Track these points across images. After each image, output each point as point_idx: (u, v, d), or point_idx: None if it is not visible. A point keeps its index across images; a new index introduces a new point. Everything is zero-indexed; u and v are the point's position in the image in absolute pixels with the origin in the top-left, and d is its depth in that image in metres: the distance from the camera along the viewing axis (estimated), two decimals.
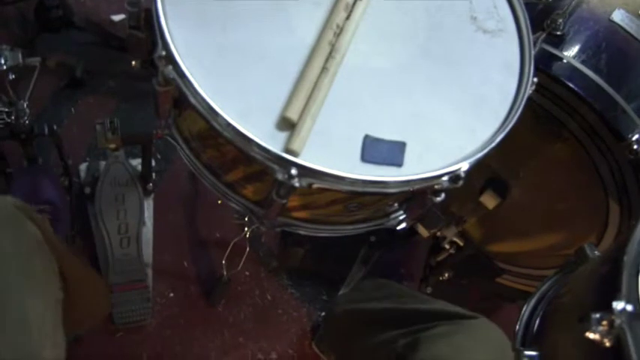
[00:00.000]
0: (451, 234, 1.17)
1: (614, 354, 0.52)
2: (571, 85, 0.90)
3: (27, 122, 1.10)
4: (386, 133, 0.65)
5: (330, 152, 0.63)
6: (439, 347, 0.78)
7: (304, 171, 0.59)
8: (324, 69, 0.66)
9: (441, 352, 0.77)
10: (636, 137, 0.86)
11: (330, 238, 0.79)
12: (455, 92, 0.72)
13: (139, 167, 1.31)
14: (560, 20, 0.94)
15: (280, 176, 0.59)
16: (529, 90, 0.72)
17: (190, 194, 1.40)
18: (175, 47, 0.62)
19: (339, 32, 0.69)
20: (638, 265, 0.61)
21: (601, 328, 0.56)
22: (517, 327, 0.81)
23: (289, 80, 0.65)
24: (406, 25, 0.76)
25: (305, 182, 0.60)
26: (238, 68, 0.66)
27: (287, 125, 0.62)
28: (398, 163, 0.64)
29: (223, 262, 1.24)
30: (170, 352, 1.24)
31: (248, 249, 1.22)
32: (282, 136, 0.62)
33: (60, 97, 1.44)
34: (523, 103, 0.71)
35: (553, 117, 0.95)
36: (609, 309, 0.56)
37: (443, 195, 0.65)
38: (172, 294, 1.30)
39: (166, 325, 1.26)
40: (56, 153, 1.21)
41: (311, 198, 0.69)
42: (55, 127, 1.15)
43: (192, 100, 0.62)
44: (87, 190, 1.30)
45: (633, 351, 0.49)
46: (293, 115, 0.62)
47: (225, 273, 1.26)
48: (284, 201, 0.63)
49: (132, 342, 1.23)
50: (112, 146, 1.07)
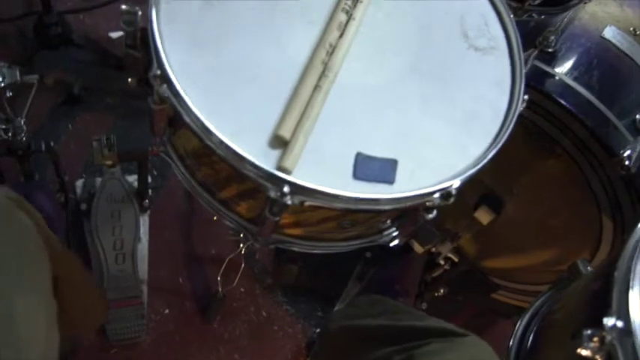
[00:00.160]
0: (446, 250, 1.18)
1: None
2: (563, 102, 0.91)
3: (24, 139, 1.11)
4: (378, 151, 0.66)
5: (323, 170, 0.63)
6: None
7: (296, 189, 0.59)
8: (317, 87, 0.66)
9: None
10: (628, 153, 0.87)
11: (325, 255, 0.80)
12: (446, 109, 0.72)
13: (135, 184, 1.31)
14: (552, 37, 0.95)
15: (273, 194, 0.60)
16: (520, 107, 0.73)
17: (186, 211, 1.40)
18: (170, 66, 0.62)
19: (332, 51, 0.70)
20: (628, 282, 0.61)
21: (592, 345, 0.57)
22: (510, 343, 0.81)
23: (282, 99, 0.66)
24: (398, 43, 0.76)
25: (297, 200, 0.60)
26: (232, 87, 0.66)
27: (280, 143, 0.63)
28: (390, 181, 0.64)
29: (219, 279, 1.24)
30: None
31: (243, 265, 1.22)
32: (274, 154, 0.62)
33: (57, 114, 1.45)
34: (514, 120, 0.71)
35: (545, 133, 0.96)
36: (600, 325, 0.57)
37: (435, 212, 0.66)
38: (167, 310, 1.29)
39: (161, 342, 1.26)
40: (53, 169, 1.22)
41: (304, 215, 0.69)
42: (52, 144, 1.15)
43: (186, 119, 0.62)
44: (83, 207, 1.29)
45: None
46: (286, 133, 0.62)
47: (220, 289, 1.26)
48: (277, 218, 0.63)
49: (126, 359, 1.23)
50: (109, 163, 1.08)
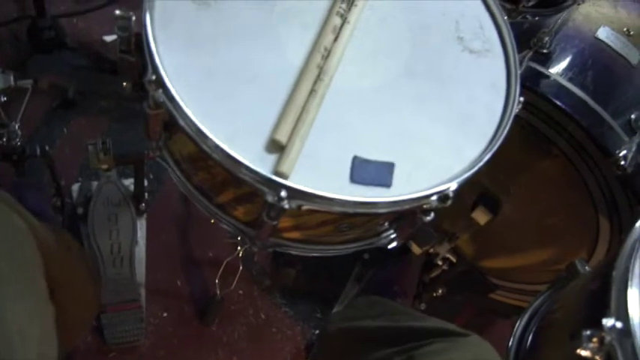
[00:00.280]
0: (444, 250, 1.18)
1: None
2: (558, 103, 0.91)
3: (19, 144, 1.11)
4: (375, 154, 0.66)
5: (319, 174, 0.63)
6: None
7: (294, 193, 0.59)
8: (313, 91, 0.66)
9: None
10: (623, 153, 0.87)
11: (323, 257, 0.80)
12: (442, 112, 0.73)
13: (132, 187, 1.31)
14: (546, 38, 0.95)
15: (270, 198, 0.60)
16: (516, 109, 0.73)
17: (183, 214, 1.40)
18: (165, 71, 0.62)
19: (327, 55, 0.70)
20: (627, 281, 0.61)
21: (592, 345, 0.57)
22: (510, 343, 0.81)
23: (278, 103, 0.66)
24: (393, 46, 0.76)
25: (295, 204, 0.60)
26: (227, 91, 0.66)
27: (276, 147, 0.63)
28: (387, 184, 0.64)
29: (216, 281, 1.23)
30: None
31: (241, 268, 1.22)
32: (271, 159, 0.62)
33: (52, 118, 1.44)
34: (510, 122, 0.72)
35: (541, 134, 0.97)
36: (599, 326, 0.57)
37: (432, 214, 0.66)
38: (166, 314, 1.29)
39: (160, 346, 1.25)
40: (48, 174, 1.21)
41: (302, 219, 0.69)
42: (47, 148, 1.15)
43: (181, 123, 0.62)
44: (79, 211, 1.29)
45: None
46: (282, 138, 0.62)
47: (218, 292, 1.25)
48: (274, 222, 0.63)
49: None
50: (105, 167, 1.07)
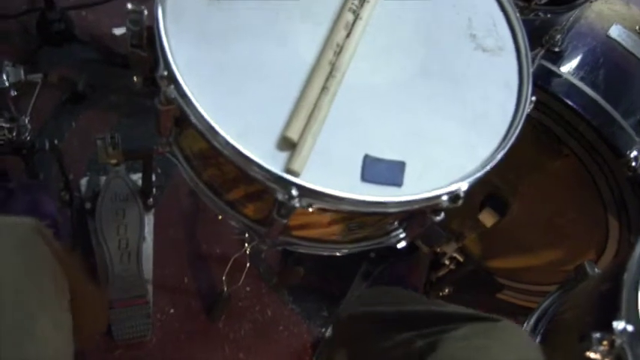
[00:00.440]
0: (451, 250, 1.17)
1: None
2: (569, 102, 0.90)
3: (28, 138, 1.11)
4: (386, 152, 0.65)
5: (331, 172, 0.63)
6: (458, 348, 0.76)
7: (305, 191, 0.59)
8: (325, 88, 0.66)
9: (460, 354, 0.75)
10: (634, 154, 0.87)
11: (331, 256, 0.79)
12: (455, 110, 0.72)
13: (140, 182, 1.31)
14: (558, 36, 0.94)
15: (281, 196, 0.59)
16: (528, 108, 0.73)
17: (191, 209, 1.40)
18: (177, 67, 0.62)
19: (339, 51, 0.69)
20: (638, 284, 0.61)
21: (602, 348, 0.56)
22: None
23: (290, 100, 0.65)
24: (406, 43, 0.76)
25: (305, 202, 0.60)
26: (239, 87, 0.66)
27: (287, 145, 0.62)
28: (398, 183, 0.64)
29: (224, 278, 1.23)
30: None
31: (248, 264, 1.22)
32: (282, 156, 0.62)
33: (61, 111, 1.44)
34: (522, 122, 0.71)
35: (552, 133, 0.96)
36: (610, 328, 0.57)
37: (442, 214, 0.65)
38: (173, 310, 1.29)
39: (167, 341, 1.26)
40: (57, 168, 1.21)
41: (312, 217, 0.69)
42: (56, 142, 1.15)
43: (193, 120, 0.62)
44: (87, 205, 1.29)
45: None
46: (293, 135, 0.62)
47: (225, 288, 1.25)
48: (284, 221, 0.63)
49: (132, 358, 1.22)
50: (113, 161, 1.07)
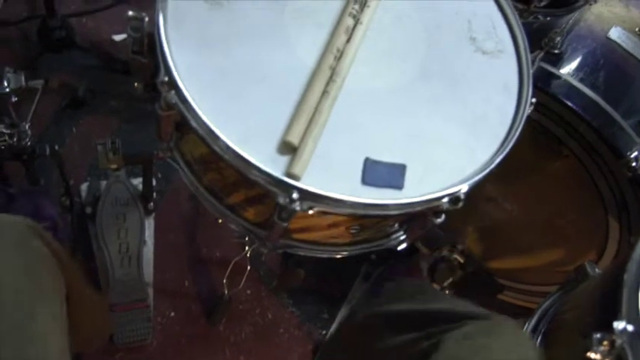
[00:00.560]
0: (451, 251, 1.17)
1: None
2: (569, 104, 0.91)
3: (29, 143, 1.11)
4: (387, 155, 0.66)
5: (331, 176, 0.63)
6: (460, 348, 0.76)
7: (305, 195, 0.59)
8: (325, 93, 0.66)
9: (462, 353, 0.75)
10: (635, 155, 0.87)
11: (331, 258, 0.79)
12: (455, 113, 0.72)
13: (140, 186, 1.31)
14: (558, 39, 0.95)
15: (282, 200, 0.60)
16: (527, 111, 0.73)
17: (191, 214, 1.40)
18: (178, 73, 0.62)
19: (340, 56, 0.69)
20: (638, 284, 0.61)
21: (602, 348, 0.57)
22: None
23: (290, 104, 0.66)
24: (406, 47, 0.76)
25: (306, 206, 0.60)
26: (240, 92, 0.66)
27: (288, 149, 0.63)
28: (398, 186, 0.64)
29: (224, 281, 1.23)
30: None
31: (249, 268, 1.22)
32: (283, 160, 0.62)
33: (62, 117, 1.45)
34: (522, 124, 0.71)
35: (552, 134, 0.96)
36: (610, 328, 0.57)
37: (443, 216, 0.66)
38: (173, 313, 1.29)
39: (167, 345, 1.26)
40: (58, 173, 1.22)
41: (313, 220, 0.69)
42: (57, 147, 1.16)
43: (193, 125, 0.62)
44: (88, 210, 1.29)
45: None
46: (294, 139, 0.62)
47: (226, 292, 1.25)
48: (285, 224, 0.63)
49: None
50: (114, 166, 1.08)
